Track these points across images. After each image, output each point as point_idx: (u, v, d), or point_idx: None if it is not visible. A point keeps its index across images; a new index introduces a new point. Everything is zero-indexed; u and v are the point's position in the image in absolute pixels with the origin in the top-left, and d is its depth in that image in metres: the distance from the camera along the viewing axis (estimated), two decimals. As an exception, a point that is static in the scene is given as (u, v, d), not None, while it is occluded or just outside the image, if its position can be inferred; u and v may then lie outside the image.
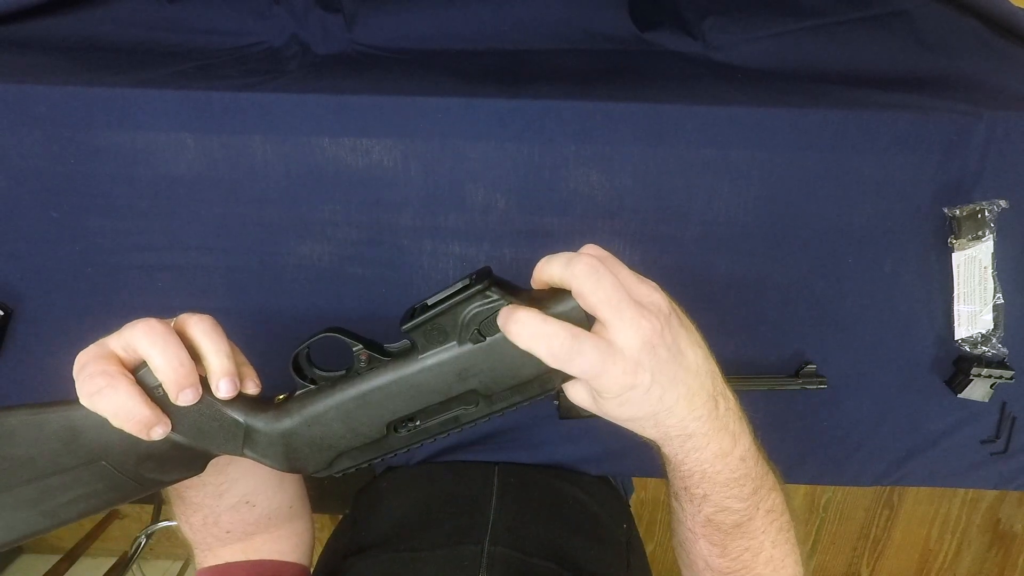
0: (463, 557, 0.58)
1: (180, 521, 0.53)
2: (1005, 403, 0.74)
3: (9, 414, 0.39)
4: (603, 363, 0.35)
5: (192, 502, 0.51)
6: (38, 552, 1.84)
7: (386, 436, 0.41)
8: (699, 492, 0.44)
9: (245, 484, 0.52)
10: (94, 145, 0.65)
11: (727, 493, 0.44)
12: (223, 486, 0.51)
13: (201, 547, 0.54)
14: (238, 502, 0.52)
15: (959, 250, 0.68)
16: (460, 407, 0.41)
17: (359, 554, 0.62)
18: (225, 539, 0.53)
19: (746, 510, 0.45)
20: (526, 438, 0.75)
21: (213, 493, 0.51)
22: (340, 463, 0.42)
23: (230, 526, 0.53)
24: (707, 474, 0.43)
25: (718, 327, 0.71)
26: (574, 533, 0.66)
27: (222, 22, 0.78)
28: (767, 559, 0.47)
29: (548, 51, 0.78)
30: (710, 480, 0.43)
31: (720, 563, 0.47)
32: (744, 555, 0.46)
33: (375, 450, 0.42)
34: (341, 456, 0.42)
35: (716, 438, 0.42)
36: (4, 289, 0.70)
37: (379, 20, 0.77)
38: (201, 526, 0.52)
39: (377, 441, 0.42)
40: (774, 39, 0.75)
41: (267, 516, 0.55)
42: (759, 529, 0.46)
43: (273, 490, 0.55)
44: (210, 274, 0.69)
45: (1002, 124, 0.65)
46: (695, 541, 0.48)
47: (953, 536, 1.84)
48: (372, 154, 0.66)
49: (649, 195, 0.67)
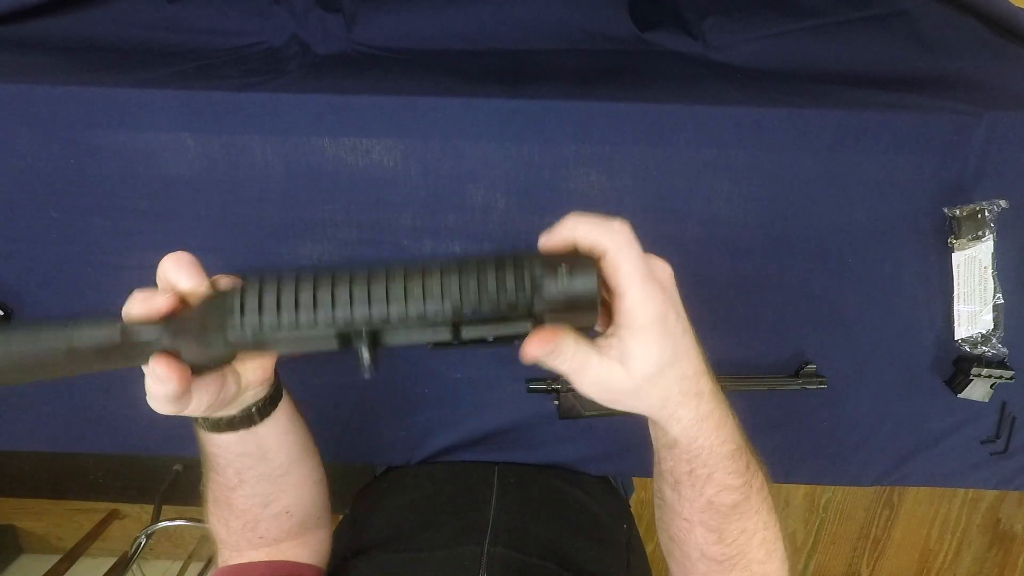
0: (463, 558, 0.58)
1: (217, 524, 0.55)
2: (1005, 403, 0.74)
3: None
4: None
5: (239, 508, 0.53)
6: (38, 552, 1.84)
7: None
8: (704, 472, 0.44)
9: (290, 496, 0.54)
10: (94, 145, 0.65)
11: (729, 468, 0.44)
12: (272, 495, 0.53)
13: (230, 547, 0.55)
14: (280, 512, 0.54)
15: (959, 250, 0.68)
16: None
17: (360, 555, 0.62)
18: (257, 543, 0.55)
19: (743, 487, 0.45)
20: (526, 438, 0.75)
21: (261, 503, 0.53)
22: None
23: (265, 532, 0.55)
24: (714, 448, 0.43)
25: (718, 327, 0.71)
26: (574, 533, 0.66)
27: (222, 22, 0.78)
28: (761, 541, 0.47)
29: (548, 51, 0.78)
30: (717, 454, 0.44)
31: (716, 550, 0.47)
32: (740, 538, 0.46)
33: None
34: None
35: (717, 404, 0.43)
36: (4, 289, 0.70)
37: (379, 20, 0.77)
38: (239, 530, 0.54)
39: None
40: (774, 39, 0.75)
41: (299, 524, 0.57)
42: (753, 509, 0.46)
43: (309, 501, 0.57)
44: (210, 274, 0.68)
45: (1002, 124, 0.65)
46: (690, 531, 0.47)
47: (953, 536, 1.84)
48: (372, 154, 0.66)
49: (649, 195, 0.67)
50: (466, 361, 0.73)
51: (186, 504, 1.49)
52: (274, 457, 0.51)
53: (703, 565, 0.48)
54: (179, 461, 1.59)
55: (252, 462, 0.50)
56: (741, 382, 0.71)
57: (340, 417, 0.75)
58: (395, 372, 0.73)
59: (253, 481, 0.51)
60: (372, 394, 0.74)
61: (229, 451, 0.49)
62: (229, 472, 0.50)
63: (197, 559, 1.60)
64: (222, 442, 0.48)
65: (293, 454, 0.52)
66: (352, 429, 0.75)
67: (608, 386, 0.40)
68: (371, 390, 0.74)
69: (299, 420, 0.53)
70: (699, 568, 0.48)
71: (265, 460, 0.50)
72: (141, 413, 0.78)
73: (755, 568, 0.47)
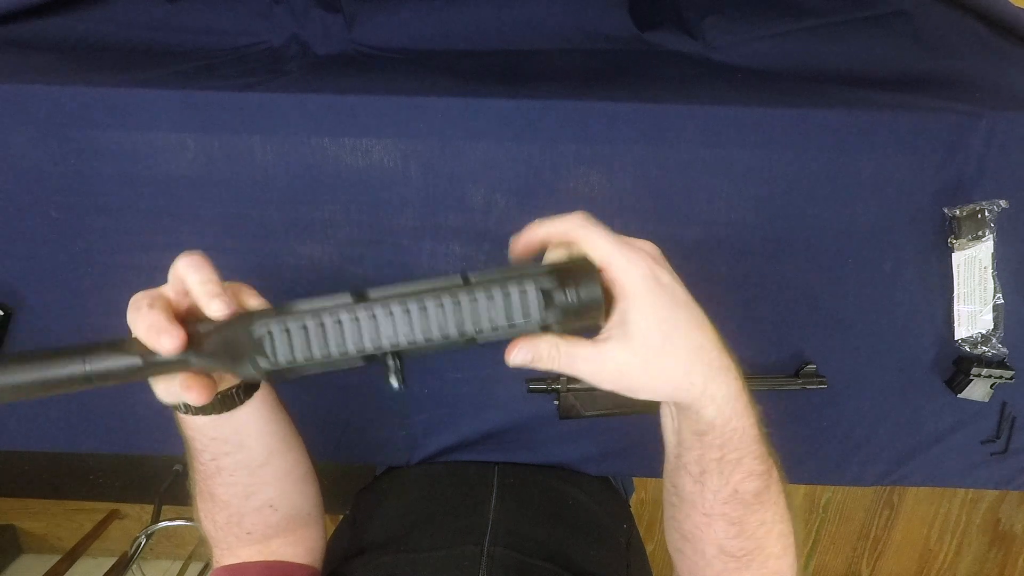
0: (463, 558, 0.58)
1: (205, 519, 0.55)
2: (1005, 403, 0.74)
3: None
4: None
5: (221, 499, 0.53)
6: (38, 552, 1.84)
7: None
8: (734, 456, 0.43)
9: (273, 488, 0.54)
10: (94, 145, 0.65)
11: (756, 452, 0.44)
12: (252, 487, 0.52)
13: (221, 546, 0.56)
14: (262, 505, 0.54)
15: (959, 250, 0.68)
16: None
17: (359, 555, 0.62)
18: (246, 540, 0.55)
19: (765, 473, 0.44)
20: (526, 438, 0.75)
21: (242, 493, 0.52)
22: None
23: (252, 527, 0.55)
24: (746, 429, 0.43)
25: (718, 327, 0.70)
26: (574, 534, 0.66)
27: (222, 22, 0.78)
28: (779, 534, 0.46)
29: (548, 51, 0.78)
30: (748, 437, 0.43)
31: (735, 544, 0.46)
32: (759, 531, 0.45)
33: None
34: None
35: (740, 379, 0.42)
36: (4, 289, 0.70)
37: (379, 20, 0.77)
38: (225, 524, 0.54)
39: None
40: (774, 39, 0.75)
41: (287, 520, 0.57)
42: (773, 499, 0.45)
43: (296, 496, 0.57)
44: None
45: (1002, 124, 0.65)
46: (709, 526, 0.46)
47: (953, 536, 1.84)
48: (372, 154, 0.66)
49: (649, 195, 0.67)
50: (466, 361, 0.73)
51: (186, 504, 1.48)
52: (252, 445, 0.50)
53: (719, 563, 0.47)
54: (179, 461, 1.59)
55: (228, 448, 0.49)
56: (741, 382, 0.71)
57: (340, 417, 0.75)
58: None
59: (230, 468, 0.50)
60: (372, 394, 0.74)
61: (204, 434, 0.48)
62: (205, 457, 0.50)
63: (197, 559, 1.60)
64: (196, 424, 0.47)
65: (272, 445, 0.52)
66: (352, 429, 0.75)
67: (617, 373, 0.39)
68: (371, 390, 0.74)
69: (280, 413, 0.53)
70: (714, 566, 0.47)
71: (242, 448, 0.50)
72: (141, 413, 0.78)
73: (771, 564, 0.46)
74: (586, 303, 0.39)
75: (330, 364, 0.39)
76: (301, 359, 0.38)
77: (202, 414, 0.46)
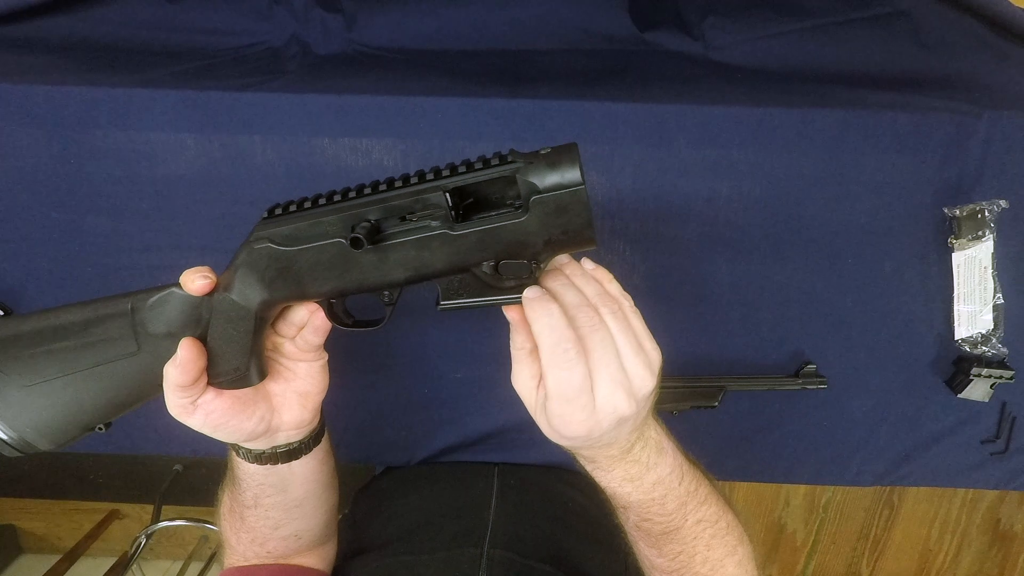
0: (463, 560, 0.58)
1: (228, 530, 0.56)
2: (1005, 403, 0.74)
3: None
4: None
5: (249, 524, 0.54)
6: (38, 552, 1.84)
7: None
8: (619, 503, 0.47)
9: (301, 523, 0.55)
10: (94, 145, 0.65)
11: (645, 509, 0.46)
12: (282, 521, 0.54)
13: (238, 555, 0.57)
14: (289, 535, 0.55)
15: (959, 250, 0.68)
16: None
17: (359, 556, 0.62)
18: (264, 558, 0.56)
19: (670, 522, 0.46)
20: (526, 438, 0.75)
21: (272, 525, 0.54)
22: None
23: (273, 550, 0.56)
24: (617, 493, 0.45)
25: (718, 327, 0.71)
26: (574, 536, 0.66)
27: (222, 22, 0.78)
28: (703, 560, 0.48)
29: (548, 51, 0.78)
30: (623, 497, 0.46)
31: (660, 563, 0.49)
32: (680, 557, 0.48)
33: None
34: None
35: (621, 467, 0.44)
36: (4, 289, 0.70)
37: (379, 20, 0.77)
38: (248, 543, 0.55)
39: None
40: (774, 39, 0.75)
41: (307, 545, 0.58)
42: (689, 536, 0.48)
43: (321, 528, 0.58)
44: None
45: (1002, 124, 0.65)
46: (635, 542, 0.50)
47: (953, 536, 1.84)
48: (372, 154, 0.66)
49: (649, 195, 0.67)
50: (466, 361, 0.73)
51: (186, 504, 1.49)
52: (295, 491, 0.52)
53: (656, 574, 0.51)
54: (179, 461, 1.59)
55: (271, 491, 0.51)
56: (741, 382, 0.71)
57: (340, 417, 0.75)
58: (395, 372, 0.73)
59: (268, 507, 0.52)
60: (372, 394, 0.74)
61: (252, 478, 0.50)
62: (247, 494, 0.52)
63: (197, 559, 1.59)
64: (249, 470, 0.49)
65: (313, 490, 0.53)
66: (352, 429, 0.75)
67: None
68: (371, 390, 0.74)
69: (328, 462, 0.55)
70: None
71: (284, 492, 0.51)
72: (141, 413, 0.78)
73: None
74: (567, 188, 0.37)
75: (316, 239, 0.44)
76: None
77: (259, 463, 0.48)
